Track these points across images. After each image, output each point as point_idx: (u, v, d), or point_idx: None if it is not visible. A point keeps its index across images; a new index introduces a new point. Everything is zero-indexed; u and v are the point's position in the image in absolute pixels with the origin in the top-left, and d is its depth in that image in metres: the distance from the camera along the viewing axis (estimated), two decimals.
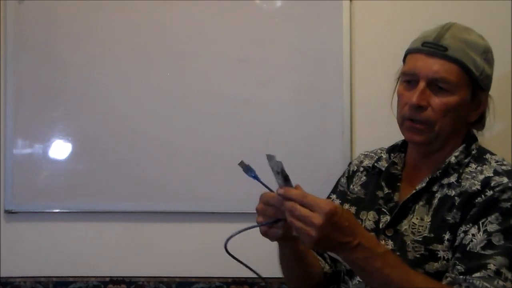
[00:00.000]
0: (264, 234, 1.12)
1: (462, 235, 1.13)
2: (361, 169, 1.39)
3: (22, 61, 1.89)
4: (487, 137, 1.32)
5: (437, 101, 1.19)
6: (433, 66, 1.19)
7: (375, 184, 1.32)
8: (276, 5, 1.86)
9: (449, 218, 1.16)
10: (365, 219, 1.28)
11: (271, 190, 1.07)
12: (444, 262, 1.15)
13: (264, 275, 1.82)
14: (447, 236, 1.15)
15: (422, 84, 1.19)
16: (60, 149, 1.90)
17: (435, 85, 1.19)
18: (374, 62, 1.82)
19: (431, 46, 1.20)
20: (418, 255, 1.17)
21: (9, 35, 1.89)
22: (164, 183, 1.87)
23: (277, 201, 1.04)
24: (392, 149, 1.36)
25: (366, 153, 1.43)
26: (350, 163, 1.45)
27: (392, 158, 1.33)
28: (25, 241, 1.93)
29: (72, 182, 1.89)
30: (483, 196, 1.14)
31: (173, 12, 1.87)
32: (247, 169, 1.08)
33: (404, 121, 1.23)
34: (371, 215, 1.28)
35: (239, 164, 1.08)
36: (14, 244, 1.92)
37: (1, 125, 1.91)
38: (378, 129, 1.78)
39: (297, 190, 1.02)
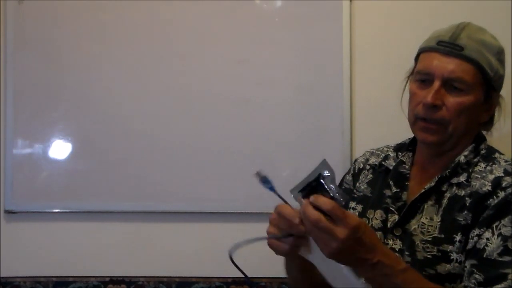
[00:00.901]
0: (271, 246, 1.08)
1: (475, 238, 1.12)
2: (368, 167, 1.37)
3: (22, 61, 1.89)
4: (495, 137, 1.32)
5: (451, 100, 1.18)
6: (449, 65, 1.18)
7: (382, 182, 1.31)
8: (276, 5, 1.86)
9: (460, 219, 1.15)
10: (372, 218, 1.28)
11: (286, 202, 1.04)
12: (457, 264, 1.14)
13: (264, 275, 1.84)
14: (458, 237, 1.14)
15: (437, 84, 1.18)
16: (60, 149, 1.90)
17: (450, 84, 1.18)
18: (374, 62, 1.82)
19: (446, 45, 1.20)
20: (429, 256, 1.16)
21: (9, 35, 1.89)
22: (164, 183, 1.87)
23: (291, 214, 1.02)
24: (399, 148, 1.35)
25: (372, 150, 1.42)
26: (355, 161, 1.44)
27: (400, 157, 1.32)
28: (25, 241, 1.92)
29: (72, 182, 1.89)
30: (495, 197, 1.13)
31: (173, 12, 1.87)
32: (264, 180, 1.05)
33: (417, 121, 1.22)
34: (378, 213, 1.27)
35: (255, 174, 1.04)
36: (14, 244, 1.92)
37: (1, 125, 1.91)
38: (378, 129, 1.79)
39: (328, 199, 0.97)
